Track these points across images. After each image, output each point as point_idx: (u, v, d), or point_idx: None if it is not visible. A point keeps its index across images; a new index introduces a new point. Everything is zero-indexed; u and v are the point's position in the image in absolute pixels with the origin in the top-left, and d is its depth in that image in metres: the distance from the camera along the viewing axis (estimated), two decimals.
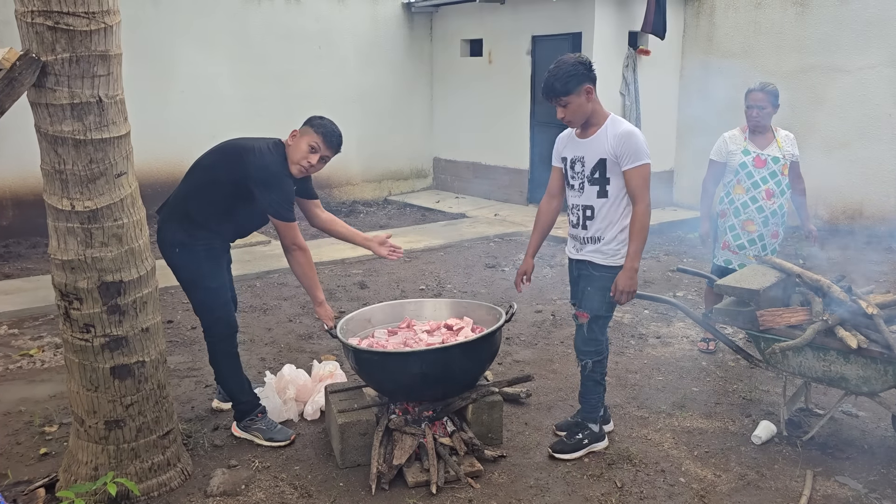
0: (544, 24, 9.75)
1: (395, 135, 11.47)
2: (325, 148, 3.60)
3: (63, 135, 2.87)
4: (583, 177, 3.52)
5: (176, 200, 3.68)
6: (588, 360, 3.63)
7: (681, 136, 10.11)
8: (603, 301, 3.54)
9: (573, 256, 3.70)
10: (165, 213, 3.70)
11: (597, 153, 3.45)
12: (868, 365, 3.40)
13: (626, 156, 3.39)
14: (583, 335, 3.61)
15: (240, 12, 9.97)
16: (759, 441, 3.76)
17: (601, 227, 3.51)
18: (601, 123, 3.47)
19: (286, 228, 3.59)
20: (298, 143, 3.59)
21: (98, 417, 3.17)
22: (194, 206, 3.60)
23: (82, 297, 3.04)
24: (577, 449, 3.64)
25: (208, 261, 3.67)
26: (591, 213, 3.52)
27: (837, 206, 8.33)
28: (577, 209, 3.58)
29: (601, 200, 3.49)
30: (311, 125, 3.62)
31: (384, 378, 3.54)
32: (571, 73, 3.33)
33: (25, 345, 5.29)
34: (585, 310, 3.58)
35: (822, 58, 8.52)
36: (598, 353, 3.64)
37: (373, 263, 7.56)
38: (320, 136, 3.58)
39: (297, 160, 3.58)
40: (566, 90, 3.35)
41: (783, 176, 4.70)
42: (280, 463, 3.61)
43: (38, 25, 2.74)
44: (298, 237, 3.64)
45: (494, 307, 3.89)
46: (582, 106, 3.40)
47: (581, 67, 3.36)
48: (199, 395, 4.37)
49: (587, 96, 3.40)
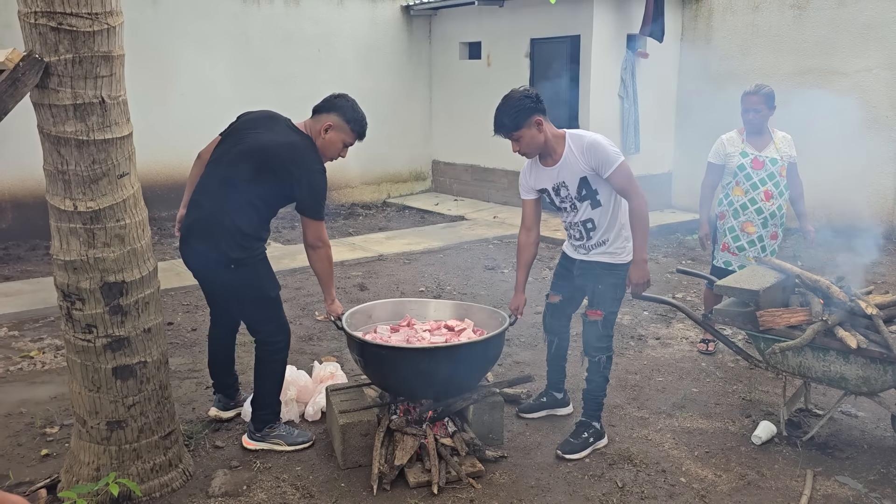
0: (543, 27, 9.78)
1: (393, 137, 11.48)
2: (357, 141, 3.63)
3: (66, 135, 2.87)
4: (571, 199, 3.60)
5: (214, 214, 3.43)
6: (602, 356, 3.69)
7: (679, 139, 10.14)
8: (615, 298, 3.66)
9: (576, 257, 3.76)
10: (203, 231, 3.46)
11: (575, 174, 3.52)
12: (868, 365, 3.41)
13: (601, 165, 3.45)
14: (597, 332, 3.66)
15: (240, 15, 10.00)
16: (760, 441, 3.78)
17: (605, 232, 3.62)
18: (562, 146, 3.52)
19: (315, 226, 3.50)
20: (333, 140, 3.53)
21: (100, 418, 3.18)
22: (240, 218, 3.41)
23: (84, 298, 3.05)
24: (584, 448, 3.68)
25: (265, 269, 3.58)
26: (592, 225, 3.62)
27: (835, 208, 8.35)
28: (577, 226, 3.67)
29: (597, 210, 3.58)
30: (345, 120, 3.52)
31: (389, 373, 3.55)
32: (518, 107, 3.39)
33: (26, 346, 5.30)
34: (599, 308, 3.64)
35: (820, 60, 8.55)
36: (609, 349, 3.72)
37: (372, 266, 7.57)
38: (356, 135, 3.58)
39: (331, 156, 3.57)
40: (516, 125, 3.41)
41: (781, 177, 4.73)
42: (281, 464, 3.61)
43: (41, 26, 2.75)
44: (324, 234, 3.55)
45: (497, 310, 3.91)
46: (535, 137, 3.45)
47: (528, 101, 3.40)
48: (199, 397, 4.38)
49: (538, 127, 3.44)
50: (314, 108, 3.61)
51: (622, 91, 9.45)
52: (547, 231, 8.69)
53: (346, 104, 3.56)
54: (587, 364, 3.75)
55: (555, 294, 3.92)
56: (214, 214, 3.44)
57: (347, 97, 3.60)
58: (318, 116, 3.57)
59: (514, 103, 3.39)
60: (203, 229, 3.47)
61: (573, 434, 3.75)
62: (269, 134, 3.49)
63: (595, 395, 3.75)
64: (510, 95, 3.44)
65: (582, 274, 3.73)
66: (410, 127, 11.80)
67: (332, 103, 3.56)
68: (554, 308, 3.94)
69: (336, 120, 3.53)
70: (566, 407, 4.12)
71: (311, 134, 3.54)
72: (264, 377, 3.68)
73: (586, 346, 3.73)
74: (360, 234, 9.19)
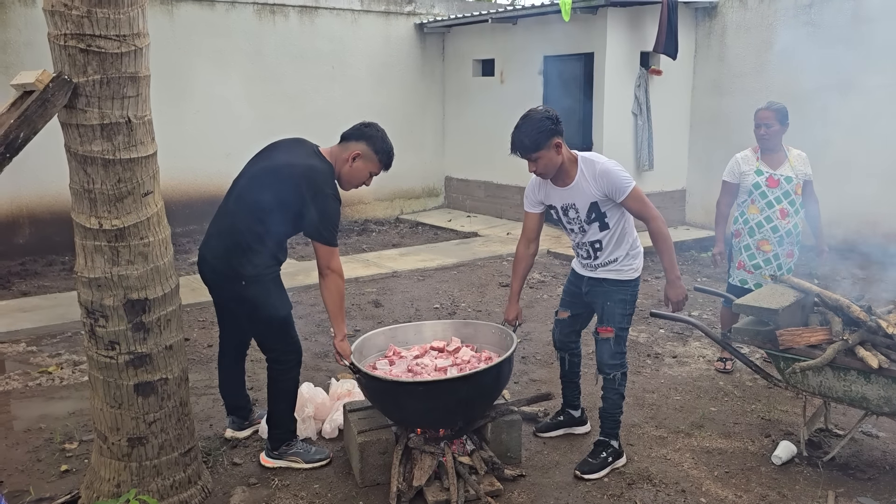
0: (556, 45, 9.83)
1: (407, 154, 11.49)
2: (382, 172, 3.65)
3: (93, 154, 2.91)
4: (580, 221, 3.62)
5: (230, 231, 3.49)
6: (616, 373, 3.68)
7: (693, 156, 10.13)
8: (624, 314, 3.65)
9: (584, 273, 3.79)
10: (219, 247, 3.52)
11: (586, 198, 3.54)
12: (889, 385, 3.38)
13: (615, 191, 3.48)
14: (609, 349, 3.66)
15: (254, 32, 10.11)
16: (780, 461, 3.75)
17: (611, 254, 3.64)
18: (575, 169, 3.54)
19: (328, 252, 3.45)
20: (360, 169, 3.54)
21: (121, 434, 3.19)
22: (254, 238, 3.44)
23: (108, 315, 3.07)
24: (603, 467, 3.66)
25: (277, 289, 3.58)
26: (599, 246, 3.64)
27: (852, 226, 8.30)
28: (585, 245, 3.69)
29: (605, 233, 3.61)
30: (374, 150, 3.53)
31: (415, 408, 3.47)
32: (539, 128, 3.38)
33: (44, 362, 5.33)
34: (609, 325, 3.64)
35: (835, 78, 8.55)
36: (623, 366, 3.71)
37: (387, 282, 7.59)
38: (383, 167, 3.59)
39: (354, 183, 3.58)
40: (536, 146, 3.40)
41: (797, 195, 4.72)
42: (300, 481, 3.61)
43: (70, 48, 2.79)
44: (337, 261, 3.48)
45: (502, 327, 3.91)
46: (553, 159, 3.46)
47: (548, 122, 3.39)
48: (217, 413, 4.39)
49: (556, 150, 3.44)
50: (343, 135, 3.62)
51: (636, 108, 9.47)
52: (561, 248, 8.69)
53: (377, 134, 3.56)
54: (602, 382, 3.75)
55: (564, 310, 3.94)
56: (229, 230, 3.51)
57: (377, 127, 3.61)
58: (346, 144, 3.57)
59: (534, 124, 3.38)
60: (218, 245, 3.55)
61: (591, 454, 3.73)
62: (286, 156, 3.53)
63: (612, 413, 3.74)
64: (530, 115, 3.43)
65: (590, 291, 3.74)
66: (424, 143, 11.86)
67: (362, 132, 3.57)
68: (563, 324, 3.96)
69: (365, 149, 3.54)
70: (584, 426, 4.11)
71: (335, 160, 3.54)
72: (277, 396, 3.69)
73: (600, 364, 3.72)
74: (374, 251, 9.22)
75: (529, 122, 3.41)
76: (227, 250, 3.49)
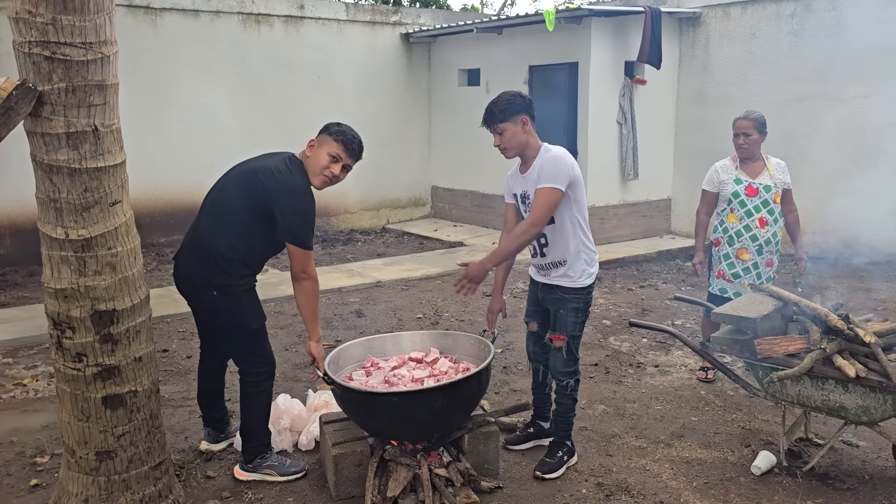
0: (541, 54, 9.85)
1: (393, 163, 11.52)
2: (347, 156, 3.50)
3: (58, 163, 2.87)
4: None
5: (201, 240, 3.49)
6: (570, 380, 3.73)
7: (678, 165, 10.16)
8: (577, 322, 3.69)
9: (538, 279, 3.82)
10: (191, 256, 3.53)
11: (534, 186, 3.56)
12: (867, 394, 3.37)
13: (543, 176, 3.50)
14: (562, 358, 3.70)
15: (239, 41, 10.08)
16: (759, 471, 3.72)
17: (557, 252, 3.65)
18: (535, 156, 3.60)
19: (302, 255, 3.41)
20: (317, 153, 3.48)
21: (89, 448, 3.13)
22: (224, 244, 3.42)
23: (75, 326, 3.02)
24: (560, 466, 3.74)
25: (249, 300, 3.53)
26: (545, 241, 3.66)
27: (833, 235, 8.33)
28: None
29: (551, 227, 3.62)
30: (328, 133, 3.51)
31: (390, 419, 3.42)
32: (510, 101, 3.55)
33: (19, 374, 5.26)
34: (561, 332, 3.68)
35: (817, 87, 8.59)
36: (576, 373, 3.76)
37: (370, 292, 7.54)
38: (340, 145, 3.48)
39: (318, 171, 3.47)
40: (503, 117, 3.53)
41: (776, 204, 4.72)
42: (273, 495, 3.56)
43: (35, 55, 2.75)
44: (311, 266, 3.46)
45: (481, 338, 3.90)
46: (517, 135, 3.54)
47: (520, 99, 3.57)
48: (193, 426, 4.33)
49: (523, 126, 3.55)
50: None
51: (620, 117, 9.49)
52: None
53: (332, 124, 3.58)
54: (555, 387, 3.80)
55: (532, 321, 3.94)
56: (202, 239, 3.50)
57: (339, 123, 3.61)
58: None
59: (506, 97, 3.56)
60: (191, 254, 3.54)
61: (548, 454, 3.79)
62: (255, 162, 3.55)
63: (565, 417, 3.81)
64: (504, 93, 3.63)
65: (545, 297, 3.78)
66: (410, 153, 11.84)
67: (322, 128, 3.59)
68: (535, 336, 3.95)
69: (320, 137, 3.55)
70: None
71: (303, 160, 3.55)
72: (249, 409, 3.65)
73: (553, 372, 3.77)
74: (359, 261, 9.17)
75: (502, 95, 3.60)
76: (198, 260, 3.49)
